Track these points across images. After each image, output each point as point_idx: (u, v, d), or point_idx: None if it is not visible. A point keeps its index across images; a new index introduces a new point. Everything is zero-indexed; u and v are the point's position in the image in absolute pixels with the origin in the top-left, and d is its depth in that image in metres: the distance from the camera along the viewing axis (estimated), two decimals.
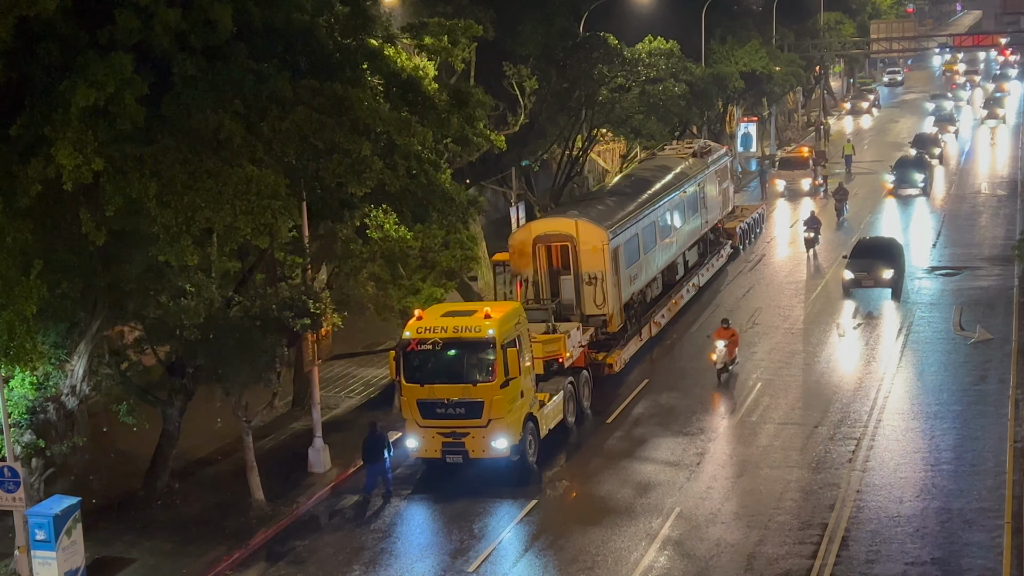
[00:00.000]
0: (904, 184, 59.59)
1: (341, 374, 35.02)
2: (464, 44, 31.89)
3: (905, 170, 60.32)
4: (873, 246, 41.95)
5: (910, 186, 59.53)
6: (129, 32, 20.48)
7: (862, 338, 36.42)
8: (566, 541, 23.60)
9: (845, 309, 39.75)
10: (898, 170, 60.40)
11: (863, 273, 39.74)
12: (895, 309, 39.48)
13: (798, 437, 28.55)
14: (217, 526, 24.76)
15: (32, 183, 19.90)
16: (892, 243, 42.94)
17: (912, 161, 61.81)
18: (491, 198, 48.13)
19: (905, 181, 59.75)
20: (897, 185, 59.61)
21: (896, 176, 60.07)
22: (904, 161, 61.77)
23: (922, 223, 54.02)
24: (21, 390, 22.06)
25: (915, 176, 59.73)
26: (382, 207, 27.36)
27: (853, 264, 40.42)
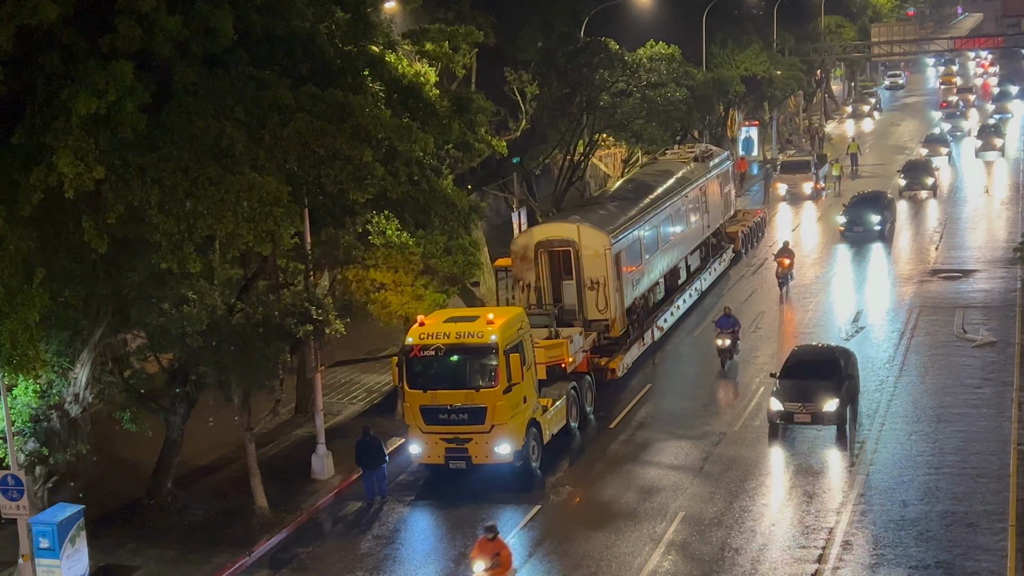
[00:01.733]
0: (857, 226, 50.75)
1: (344, 380, 35.02)
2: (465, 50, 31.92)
3: (859, 210, 51.24)
4: (813, 361, 29.74)
5: (864, 229, 50.66)
6: (130, 40, 20.50)
7: (865, 341, 36.37)
8: (570, 546, 23.58)
9: (848, 313, 39.71)
10: (851, 209, 51.56)
11: (797, 404, 28.13)
12: (897, 312, 39.44)
13: (801, 440, 28.51)
14: (221, 533, 24.77)
15: (34, 191, 19.92)
16: (839, 355, 30.07)
17: (868, 199, 52.41)
18: (493, 203, 48.17)
19: (858, 223, 50.87)
20: (848, 227, 51.04)
21: (848, 217, 51.23)
22: (860, 199, 52.66)
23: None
24: (24, 398, 22.07)
25: (870, 218, 50.80)
26: (384, 213, 27.38)
27: (784, 391, 28.55)
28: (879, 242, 50.09)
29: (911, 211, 57.42)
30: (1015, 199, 58.92)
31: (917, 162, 63.11)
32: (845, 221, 51.13)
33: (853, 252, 49.14)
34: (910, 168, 61.52)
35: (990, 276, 43.62)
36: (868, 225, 50.61)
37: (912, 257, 47.81)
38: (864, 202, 52.10)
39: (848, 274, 45.70)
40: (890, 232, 51.50)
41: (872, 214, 50.89)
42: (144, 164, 20.72)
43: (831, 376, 28.78)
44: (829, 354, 30.25)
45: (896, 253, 48.83)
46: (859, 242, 50.05)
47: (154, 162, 20.82)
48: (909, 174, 60.50)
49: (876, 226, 50.49)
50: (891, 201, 54.02)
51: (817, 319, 39.32)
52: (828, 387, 28.28)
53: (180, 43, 21.45)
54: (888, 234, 50.99)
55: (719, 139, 65.36)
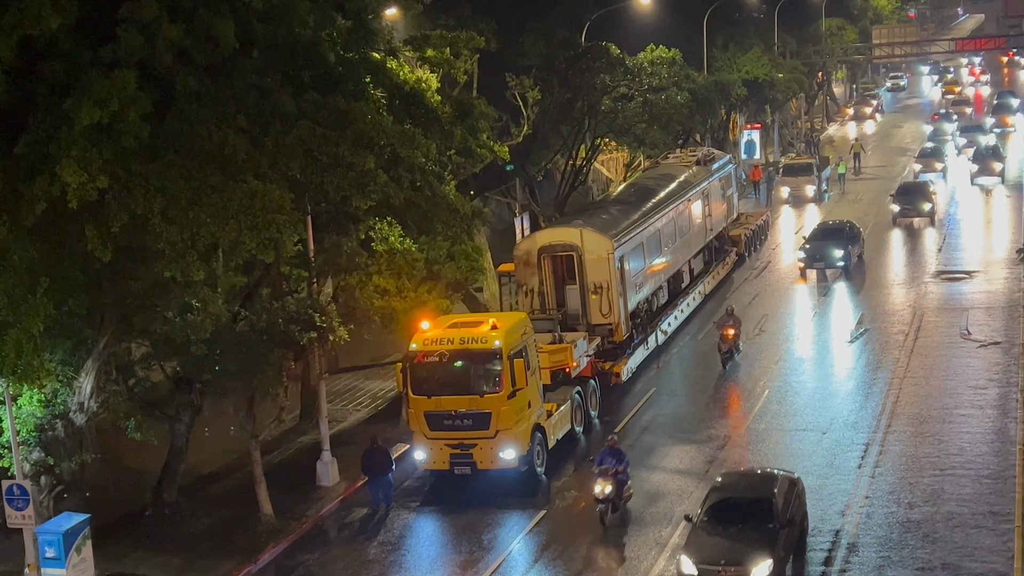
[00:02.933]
0: (817, 261, 44.62)
1: (348, 387, 35.03)
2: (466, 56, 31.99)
3: (820, 244, 44.84)
4: (741, 500, 22.00)
5: (826, 264, 44.60)
6: (132, 49, 20.56)
7: (869, 343, 36.35)
8: (575, 551, 23.56)
9: (852, 315, 39.69)
10: (812, 243, 45.24)
11: (715, 568, 20.62)
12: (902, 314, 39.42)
13: (807, 443, 28.50)
14: (226, 541, 24.77)
15: (37, 201, 19.96)
16: (776, 491, 22.11)
17: (831, 231, 46.16)
18: (496, 209, 48.18)
19: (819, 258, 44.60)
20: (809, 263, 44.93)
21: (809, 252, 44.89)
22: (822, 231, 46.55)
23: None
24: (29, 408, 22.10)
25: (832, 253, 44.46)
26: (387, 220, 27.41)
27: (698, 545, 21.21)
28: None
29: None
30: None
31: (912, 185, 56.13)
32: (804, 256, 44.84)
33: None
34: (904, 192, 54.32)
35: None
36: (830, 260, 44.46)
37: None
38: (827, 234, 45.84)
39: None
40: (855, 268, 45.35)
41: (835, 248, 44.53)
42: (147, 173, 20.76)
43: (763, 523, 21.29)
44: (763, 488, 22.25)
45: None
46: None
47: (157, 171, 20.87)
48: (903, 198, 53.50)
49: (839, 262, 44.36)
50: (857, 232, 46.83)
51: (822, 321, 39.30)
52: (759, 540, 20.90)
53: (182, 52, 21.50)
54: (853, 271, 44.89)
55: (721, 142, 65.34)
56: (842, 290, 43.25)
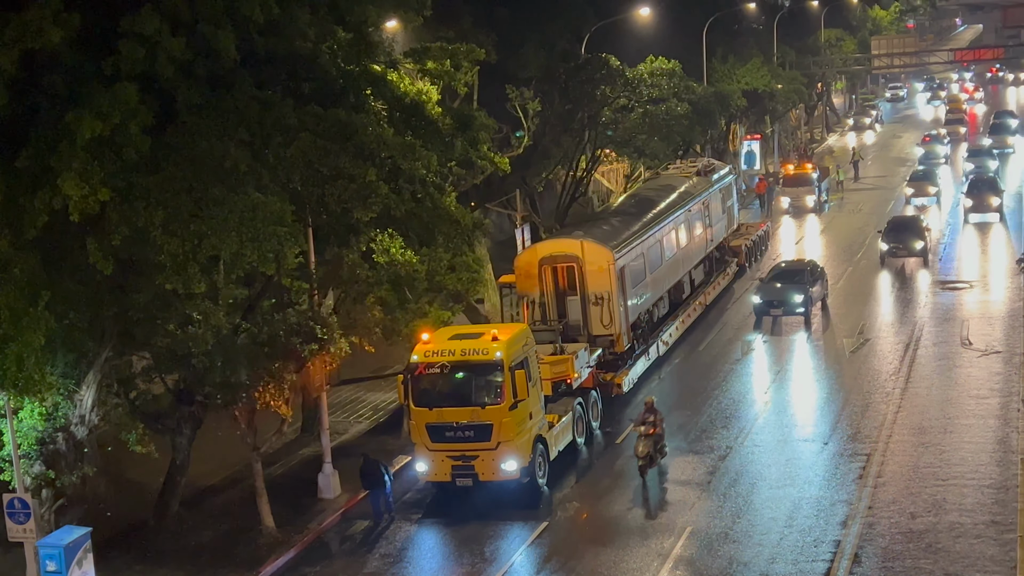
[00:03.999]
0: (775, 306, 40.00)
1: (349, 399, 35.01)
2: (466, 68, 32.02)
3: (778, 288, 40.10)
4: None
5: (785, 311, 40.00)
6: (134, 62, 20.61)
7: (870, 353, 36.35)
8: (578, 563, 23.53)
9: (853, 325, 39.68)
10: (768, 287, 40.55)
11: None
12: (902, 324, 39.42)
13: (808, 453, 28.48)
14: (228, 554, 24.73)
15: (39, 214, 19.98)
16: None
17: (790, 272, 41.18)
18: (496, 220, 48.21)
19: (776, 303, 39.88)
20: (764, 309, 40.32)
21: (764, 297, 40.25)
22: (780, 272, 41.48)
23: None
24: (30, 421, 22.08)
25: (792, 298, 39.72)
26: (388, 231, 27.43)
27: None
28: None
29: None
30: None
31: (903, 221, 50.00)
32: (759, 301, 40.25)
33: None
34: (894, 228, 48.23)
35: None
36: (789, 306, 39.77)
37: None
38: (785, 276, 40.95)
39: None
40: (815, 312, 40.76)
41: (794, 292, 39.78)
42: (148, 185, 20.79)
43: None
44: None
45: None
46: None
47: (158, 183, 20.90)
48: (892, 236, 47.53)
49: (799, 308, 39.63)
50: (820, 273, 41.90)
51: (823, 331, 39.30)
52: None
53: (183, 65, 21.55)
54: (810, 318, 40.12)
55: (721, 153, 65.43)
56: (842, 300, 43.20)
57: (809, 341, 38.23)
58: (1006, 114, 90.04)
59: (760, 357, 36.54)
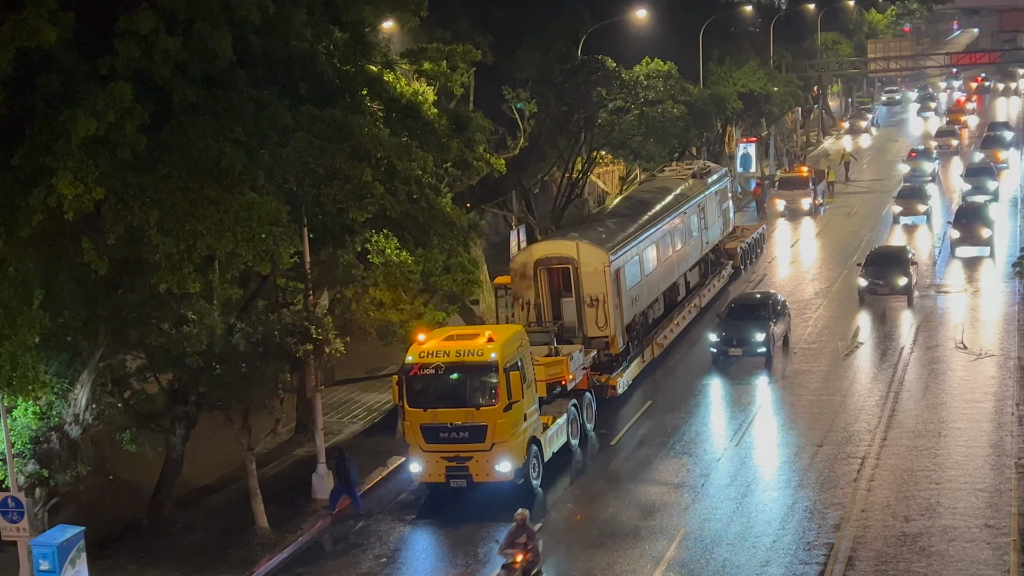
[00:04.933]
0: (733, 346, 35.85)
1: (344, 399, 35.00)
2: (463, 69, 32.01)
3: (737, 325, 36.10)
4: None
5: (745, 352, 35.79)
6: (129, 61, 20.57)
7: (865, 356, 36.38)
8: (571, 564, 23.53)
9: (848, 328, 39.73)
10: (727, 324, 36.41)
11: None
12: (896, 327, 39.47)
13: (802, 457, 28.49)
14: (221, 553, 24.71)
15: (34, 213, 19.94)
16: None
17: (751, 306, 37.25)
18: (492, 221, 48.21)
19: (735, 342, 35.83)
20: (722, 349, 36.10)
21: (722, 335, 36.09)
22: (740, 306, 37.59)
23: None
24: (24, 420, 22.05)
25: (753, 336, 35.69)
26: (383, 232, 27.43)
27: None
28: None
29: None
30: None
31: (885, 253, 44.09)
32: (717, 340, 36.11)
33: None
34: (875, 261, 42.69)
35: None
36: (750, 347, 35.59)
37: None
38: (745, 311, 36.85)
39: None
40: (777, 352, 36.62)
41: (755, 330, 35.73)
42: (143, 185, 20.76)
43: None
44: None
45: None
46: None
47: (153, 183, 20.87)
48: (873, 270, 42.07)
49: (760, 348, 35.54)
50: (782, 308, 37.73)
51: (817, 334, 39.34)
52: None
53: (179, 64, 21.51)
54: (772, 359, 35.97)
55: (717, 156, 65.48)
56: (837, 304, 43.24)
57: (802, 344, 38.21)
58: (1000, 126, 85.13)
59: (755, 361, 36.53)
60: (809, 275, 48.51)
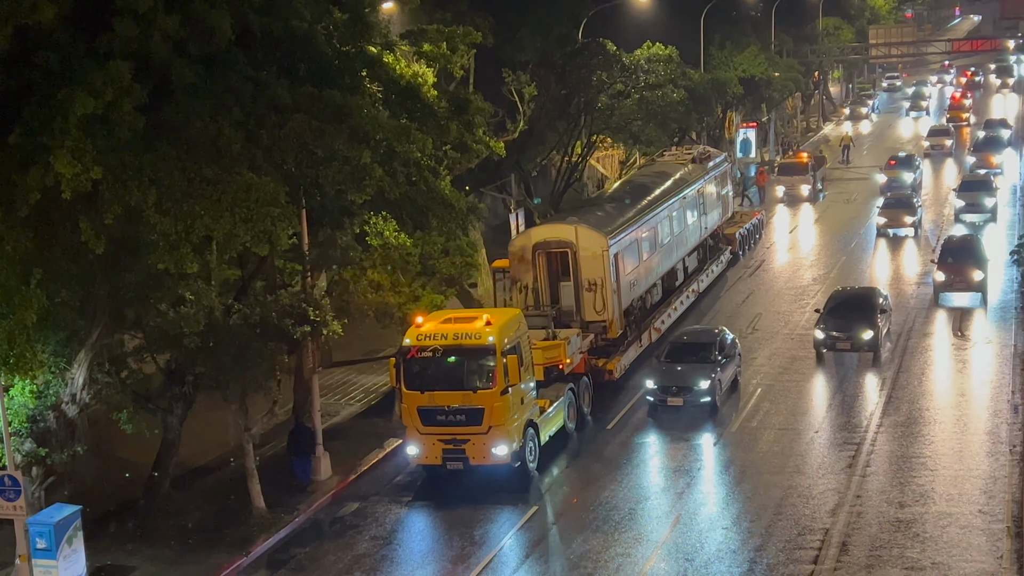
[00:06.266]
0: (674, 393, 30.49)
1: (341, 381, 35.02)
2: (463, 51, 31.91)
3: (678, 369, 30.89)
4: None
5: (687, 400, 30.43)
6: (128, 40, 20.50)
7: None
8: (567, 548, 23.58)
9: None
10: (666, 368, 31.16)
11: None
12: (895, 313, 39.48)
13: (798, 442, 28.53)
14: (218, 534, 24.76)
15: (31, 192, 19.90)
16: None
17: (692, 347, 31.79)
18: (490, 204, 48.17)
19: (678, 391, 30.44)
20: (659, 394, 30.70)
21: (660, 380, 30.75)
22: (681, 345, 32.16)
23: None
24: (21, 399, 22.06)
25: (696, 381, 30.29)
26: (382, 214, 27.40)
27: None
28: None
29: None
30: None
31: (851, 297, 36.05)
32: (654, 386, 30.80)
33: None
34: (839, 307, 35.16)
35: None
36: (694, 394, 30.33)
37: None
38: (687, 351, 31.66)
39: None
40: (724, 401, 31.23)
41: (699, 377, 30.44)
42: (141, 164, 20.71)
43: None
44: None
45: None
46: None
47: (151, 162, 20.82)
48: (833, 318, 34.68)
49: (704, 396, 30.31)
50: (730, 346, 32.46)
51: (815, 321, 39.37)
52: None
53: (178, 43, 21.44)
54: (716, 407, 30.62)
55: (717, 141, 65.36)
56: None
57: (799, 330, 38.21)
58: (997, 124, 76.54)
59: (752, 345, 36.55)
60: (807, 261, 48.50)
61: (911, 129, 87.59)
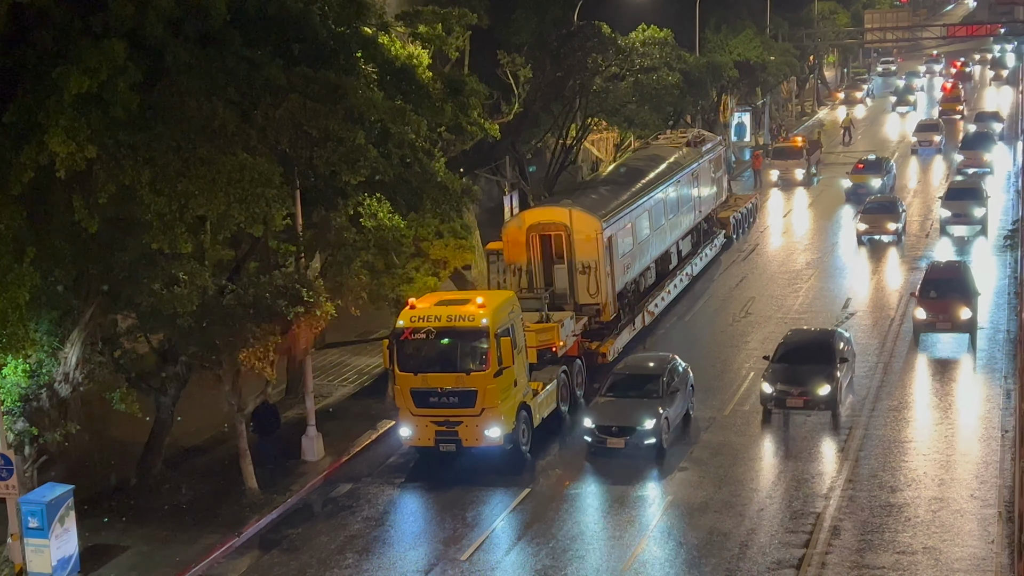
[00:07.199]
0: (615, 436, 26.60)
1: (334, 363, 35.01)
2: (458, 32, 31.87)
3: (620, 406, 27.12)
4: None
5: (630, 441, 26.49)
6: (123, 19, 20.42)
7: (855, 328, 36.42)
8: (559, 530, 23.64)
9: (839, 299, 39.78)
10: (602, 406, 27.44)
11: None
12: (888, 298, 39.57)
13: (791, 426, 28.59)
14: (210, 514, 24.78)
15: (25, 170, 19.86)
16: None
17: (635, 380, 27.83)
18: (485, 187, 48.10)
19: (618, 431, 26.58)
20: (596, 439, 26.82)
21: (595, 418, 26.93)
22: (624, 378, 28.14)
23: None
24: (14, 378, 22.04)
25: (641, 419, 26.39)
26: (376, 195, 27.36)
27: None
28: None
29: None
30: None
31: (805, 343, 29.95)
32: (591, 427, 26.84)
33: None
34: (791, 354, 29.30)
35: None
36: (638, 434, 26.43)
37: None
38: (630, 385, 27.77)
39: None
40: (678, 439, 27.81)
41: (644, 415, 26.51)
42: (136, 144, 20.67)
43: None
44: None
45: None
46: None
47: (146, 142, 20.77)
48: (783, 369, 28.82)
49: (649, 438, 26.45)
50: (682, 376, 28.61)
51: (808, 305, 39.42)
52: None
53: (173, 22, 21.36)
54: (662, 449, 26.80)
55: (712, 124, 65.29)
56: (828, 275, 43.30)
57: (792, 315, 38.28)
58: (988, 118, 72.22)
59: (745, 329, 36.60)
60: (801, 245, 48.52)
61: (897, 128, 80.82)
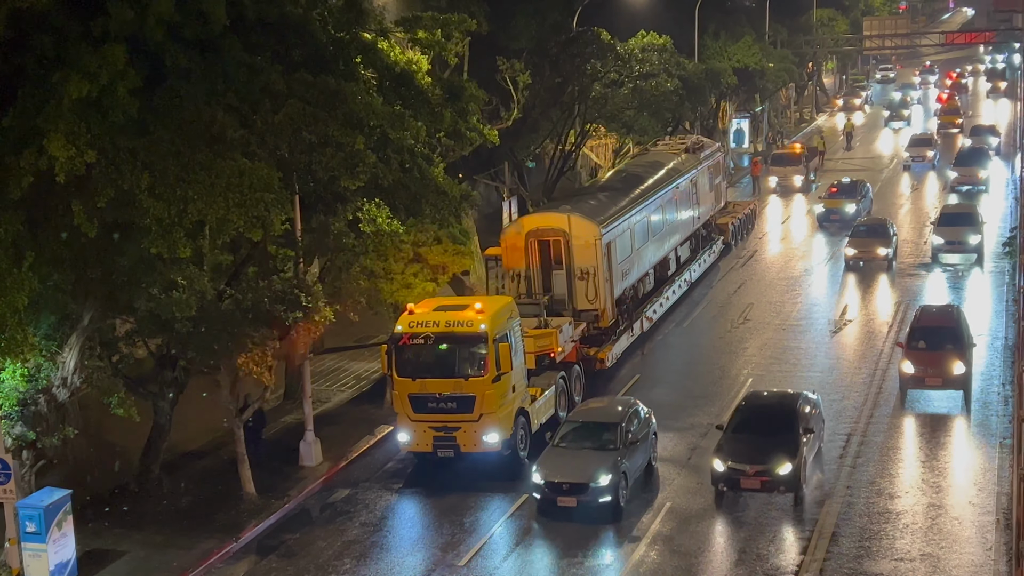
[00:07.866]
0: (566, 495, 24.06)
1: (333, 368, 35.01)
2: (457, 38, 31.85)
3: (565, 459, 24.72)
4: None
5: (581, 499, 24.00)
6: (122, 24, 20.43)
7: (853, 334, 36.48)
8: (556, 535, 23.63)
9: (836, 305, 39.81)
10: (554, 457, 24.91)
11: None
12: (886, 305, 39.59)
13: None
14: (208, 519, 24.77)
15: (24, 174, 19.86)
16: None
17: (594, 428, 25.47)
18: (484, 193, 48.13)
19: (569, 489, 24.04)
20: (547, 493, 24.24)
21: (544, 473, 24.34)
22: (580, 426, 25.75)
23: None
24: (12, 382, 22.02)
25: (596, 478, 23.85)
26: (375, 201, 27.38)
27: None
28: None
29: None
30: None
31: (765, 408, 26.29)
32: (540, 481, 24.30)
33: None
34: (748, 422, 25.66)
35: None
36: (591, 493, 23.86)
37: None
38: (584, 436, 25.36)
39: None
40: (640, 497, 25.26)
41: (599, 471, 23.89)
42: (135, 148, 20.68)
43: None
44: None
45: None
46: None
47: (145, 146, 20.78)
48: (737, 440, 25.04)
49: (604, 495, 23.89)
50: (643, 423, 26.05)
51: (807, 311, 39.43)
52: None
53: (172, 27, 21.37)
54: (619, 508, 24.32)
55: (710, 131, 65.37)
56: (827, 280, 43.32)
57: (791, 321, 38.30)
58: (984, 131, 69.29)
59: (743, 335, 36.62)
60: (799, 252, 48.57)
61: (890, 144, 77.15)
